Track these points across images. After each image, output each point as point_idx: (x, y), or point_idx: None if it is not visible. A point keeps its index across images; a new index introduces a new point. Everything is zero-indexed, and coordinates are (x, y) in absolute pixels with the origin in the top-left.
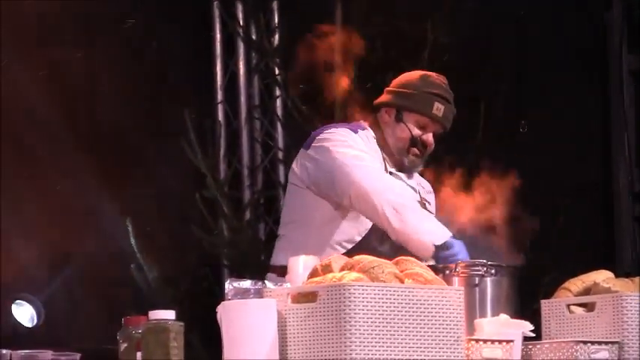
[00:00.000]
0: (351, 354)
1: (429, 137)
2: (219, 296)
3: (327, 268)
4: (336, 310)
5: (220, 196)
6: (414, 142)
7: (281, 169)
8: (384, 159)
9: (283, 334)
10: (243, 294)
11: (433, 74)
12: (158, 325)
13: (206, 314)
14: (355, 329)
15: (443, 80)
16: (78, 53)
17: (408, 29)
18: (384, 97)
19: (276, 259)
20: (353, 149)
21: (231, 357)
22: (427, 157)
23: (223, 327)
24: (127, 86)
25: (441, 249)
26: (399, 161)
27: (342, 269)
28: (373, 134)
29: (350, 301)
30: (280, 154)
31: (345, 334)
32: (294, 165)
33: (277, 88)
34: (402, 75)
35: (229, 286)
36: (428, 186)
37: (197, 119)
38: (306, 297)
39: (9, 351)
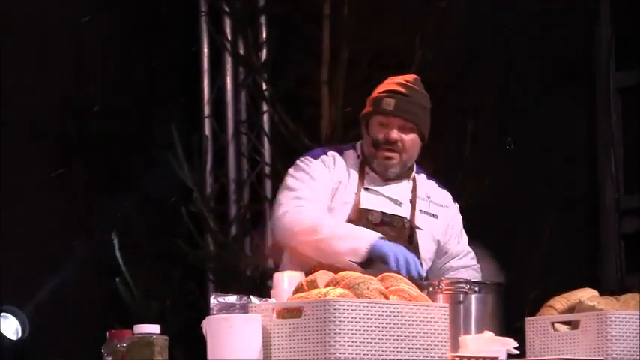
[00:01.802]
0: None
1: (389, 134)
2: (205, 311)
3: (312, 284)
4: (321, 326)
5: (206, 210)
6: (377, 144)
7: (267, 184)
8: (365, 174)
9: (268, 349)
10: (229, 309)
11: (391, 78)
12: (143, 338)
13: (191, 329)
14: (340, 345)
15: (400, 79)
16: (68, 64)
17: (396, 44)
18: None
19: None
20: (292, 190)
21: None
22: (403, 156)
23: (208, 341)
24: (115, 98)
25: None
26: (376, 169)
27: (327, 285)
28: (358, 154)
29: (335, 317)
30: (267, 169)
31: (329, 350)
32: None
33: (264, 103)
34: None
35: (214, 300)
36: (442, 200)
37: (185, 133)
38: (291, 312)
39: None
